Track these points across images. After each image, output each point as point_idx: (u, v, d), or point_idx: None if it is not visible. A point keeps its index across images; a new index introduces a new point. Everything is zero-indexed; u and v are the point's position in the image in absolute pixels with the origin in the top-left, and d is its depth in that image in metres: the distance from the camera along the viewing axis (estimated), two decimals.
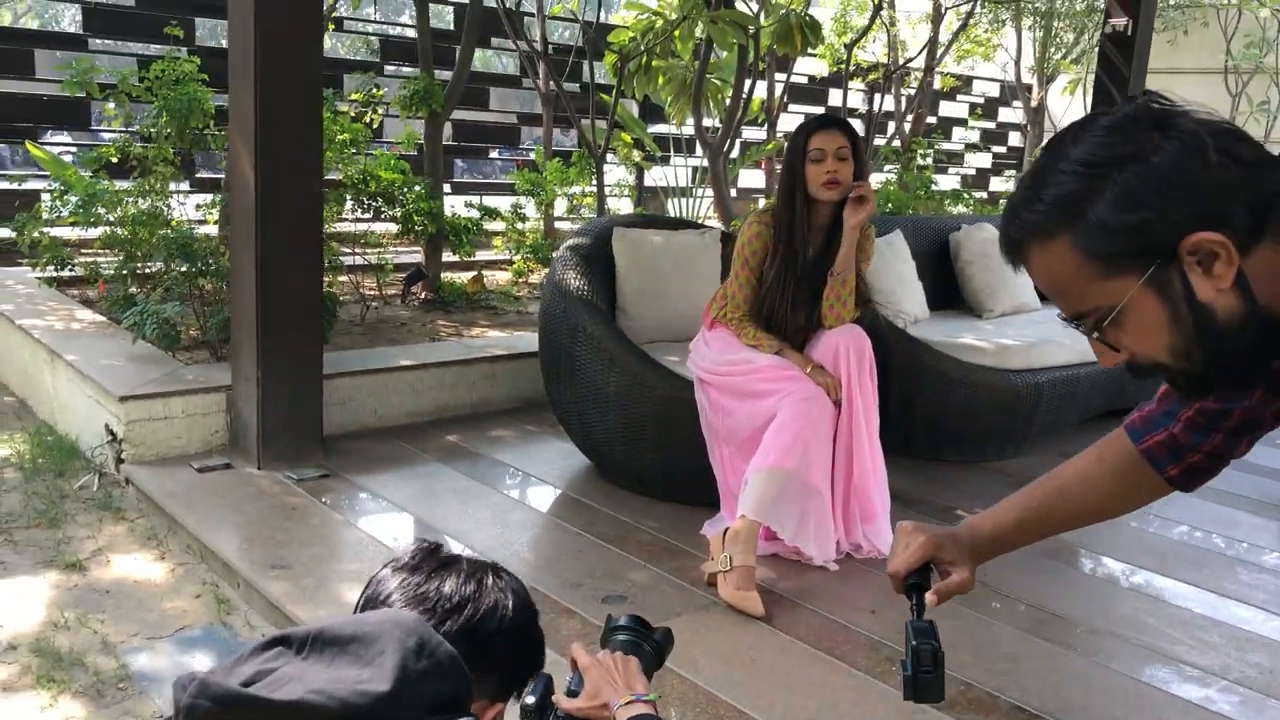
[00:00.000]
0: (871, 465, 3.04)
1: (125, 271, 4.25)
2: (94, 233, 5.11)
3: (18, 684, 2.42)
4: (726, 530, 2.86)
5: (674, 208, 8.76)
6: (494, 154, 10.74)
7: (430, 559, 1.20)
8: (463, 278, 5.91)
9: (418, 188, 5.56)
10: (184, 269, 3.86)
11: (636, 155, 8.64)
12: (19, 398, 4.48)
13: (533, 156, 8.50)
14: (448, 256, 6.03)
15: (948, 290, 4.87)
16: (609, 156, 6.80)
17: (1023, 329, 4.41)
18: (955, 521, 3.39)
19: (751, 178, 11.18)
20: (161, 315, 3.60)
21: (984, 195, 11.56)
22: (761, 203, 9.22)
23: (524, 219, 6.36)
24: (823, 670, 2.49)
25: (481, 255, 6.34)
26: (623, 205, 8.70)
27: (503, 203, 7.01)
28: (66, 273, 4.86)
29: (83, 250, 5.28)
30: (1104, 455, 1.37)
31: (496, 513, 3.35)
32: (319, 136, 3.57)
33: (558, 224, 7.68)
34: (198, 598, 2.87)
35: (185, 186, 5.34)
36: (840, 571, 3.00)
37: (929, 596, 1.34)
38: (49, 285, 5.06)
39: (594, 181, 6.58)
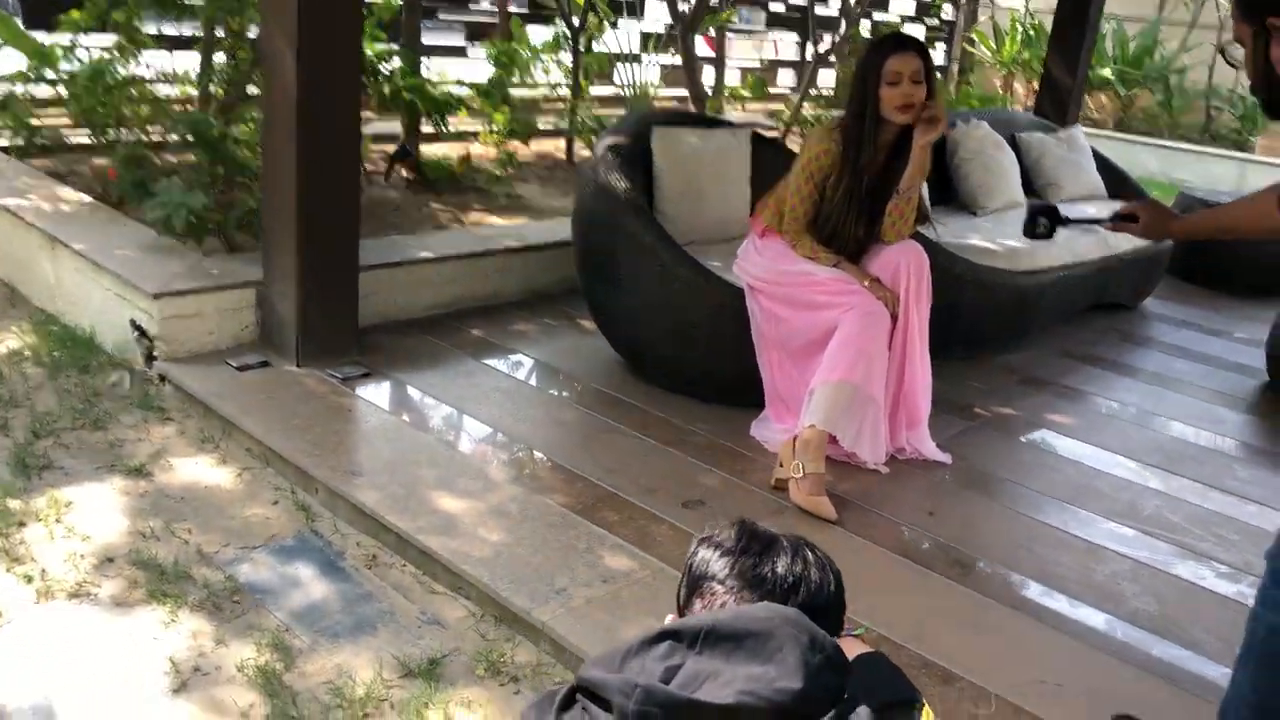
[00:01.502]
0: (921, 376, 3.20)
1: (136, 154, 4.03)
2: (44, 92, 4.87)
3: (130, 598, 2.43)
4: (795, 438, 2.99)
5: (622, 74, 8.57)
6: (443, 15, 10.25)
7: (754, 540, 1.24)
8: (443, 154, 5.76)
9: (396, 60, 5.36)
10: (204, 158, 3.68)
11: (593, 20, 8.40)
12: (6, 283, 4.28)
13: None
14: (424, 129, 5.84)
15: (943, 185, 4.98)
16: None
17: (1020, 228, 4.56)
18: (973, 418, 3.64)
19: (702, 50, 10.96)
20: (191, 207, 3.46)
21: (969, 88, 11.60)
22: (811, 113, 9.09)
23: (506, 98, 6.17)
24: (904, 572, 2.68)
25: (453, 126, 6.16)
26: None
27: (464, 67, 6.79)
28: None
29: (43, 118, 4.99)
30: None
31: (549, 413, 3.42)
32: (359, 29, 3.41)
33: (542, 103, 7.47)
34: (275, 504, 2.89)
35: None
36: (891, 474, 3.18)
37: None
38: (14, 156, 4.76)
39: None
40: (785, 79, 12.05)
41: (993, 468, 3.32)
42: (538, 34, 7.43)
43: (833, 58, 9.32)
